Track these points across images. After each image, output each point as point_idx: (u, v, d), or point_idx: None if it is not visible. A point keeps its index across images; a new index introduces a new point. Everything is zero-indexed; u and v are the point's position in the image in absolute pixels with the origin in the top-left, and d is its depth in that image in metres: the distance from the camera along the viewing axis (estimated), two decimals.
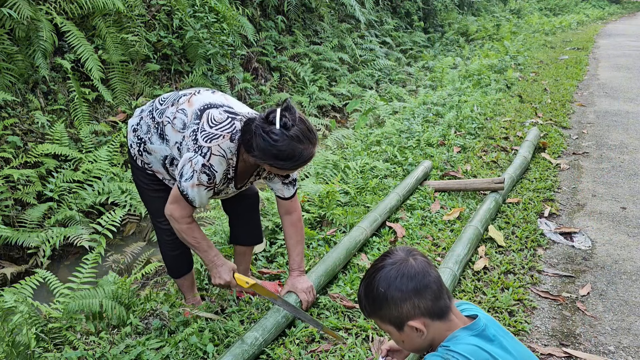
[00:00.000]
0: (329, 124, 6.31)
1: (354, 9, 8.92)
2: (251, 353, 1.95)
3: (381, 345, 2.01)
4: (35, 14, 4.20)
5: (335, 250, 2.62)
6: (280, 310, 2.14)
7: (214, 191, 1.95)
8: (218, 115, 1.88)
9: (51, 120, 4.23)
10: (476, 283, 2.51)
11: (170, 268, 2.37)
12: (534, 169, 4.08)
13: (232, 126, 1.87)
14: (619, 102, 6.42)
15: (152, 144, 2.02)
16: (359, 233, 2.83)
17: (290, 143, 1.73)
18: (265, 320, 2.09)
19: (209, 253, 2.04)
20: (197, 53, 5.59)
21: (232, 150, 1.87)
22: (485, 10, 16.14)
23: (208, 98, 1.96)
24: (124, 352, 2.06)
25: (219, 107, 1.92)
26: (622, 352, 2.07)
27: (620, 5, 27.67)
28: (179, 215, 1.95)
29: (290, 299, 2.22)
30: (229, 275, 2.03)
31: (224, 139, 1.85)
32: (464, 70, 8.33)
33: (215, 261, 2.04)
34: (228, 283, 2.04)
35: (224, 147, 1.85)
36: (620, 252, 2.85)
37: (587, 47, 11.28)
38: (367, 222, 2.95)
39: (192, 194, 1.88)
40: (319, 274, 2.42)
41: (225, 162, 1.88)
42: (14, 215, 3.60)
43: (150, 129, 2.03)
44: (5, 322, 2.07)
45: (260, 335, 2.02)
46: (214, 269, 2.05)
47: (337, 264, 2.56)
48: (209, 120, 1.87)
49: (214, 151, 1.83)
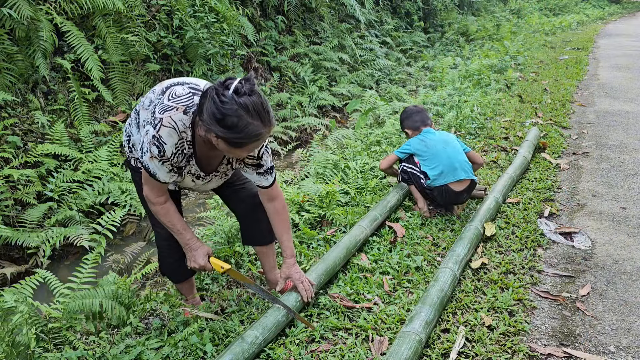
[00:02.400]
0: (329, 124, 6.31)
1: (354, 9, 8.92)
2: (251, 352, 1.95)
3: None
4: (35, 14, 4.20)
5: (335, 249, 2.62)
6: (281, 309, 2.14)
7: (173, 166, 1.90)
8: (180, 91, 1.87)
9: (51, 120, 4.23)
10: (476, 283, 2.51)
11: (168, 275, 2.37)
12: (534, 169, 4.08)
13: (189, 100, 1.84)
14: (619, 102, 6.42)
15: (133, 136, 2.04)
16: (359, 232, 2.83)
17: (237, 110, 1.65)
18: (265, 318, 2.09)
19: (184, 235, 2.05)
20: (197, 53, 5.60)
21: (184, 123, 1.83)
22: (485, 10, 16.14)
23: (178, 79, 1.99)
24: (124, 352, 2.06)
25: (185, 85, 1.92)
26: (622, 352, 2.07)
27: (620, 5, 27.66)
28: (152, 195, 1.96)
29: (291, 297, 2.23)
30: (204, 259, 2.05)
31: (177, 111, 1.81)
32: (464, 70, 8.33)
33: (191, 244, 2.06)
34: (203, 267, 2.06)
35: (175, 118, 1.81)
36: (620, 252, 2.85)
37: (587, 47, 11.27)
38: (367, 221, 2.95)
39: (151, 167, 1.87)
40: (319, 273, 2.42)
41: (177, 135, 1.83)
42: (14, 215, 3.60)
43: (132, 122, 2.05)
44: (5, 322, 2.07)
45: (261, 334, 2.02)
46: (189, 252, 2.07)
47: (338, 263, 2.56)
48: (170, 94, 1.86)
49: (164, 122, 1.80)
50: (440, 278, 2.34)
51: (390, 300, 2.39)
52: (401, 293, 2.42)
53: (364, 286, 2.47)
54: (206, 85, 1.94)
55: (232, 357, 1.87)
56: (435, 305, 2.14)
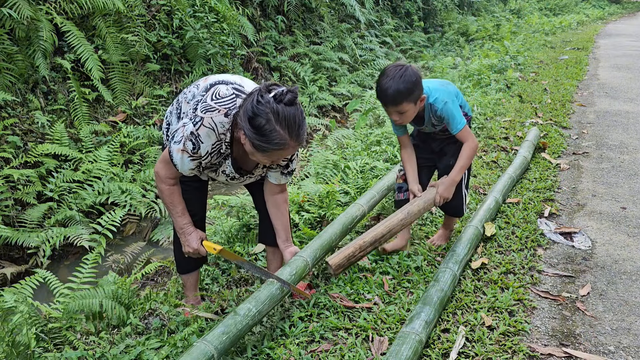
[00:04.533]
0: (329, 124, 6.30)
1: (354, 9, 8.92)
2: (244, 324, 1.93)
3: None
4: (35, 14, 4.20)
5: (332, 226, 2.65)
6: (275, 283, 2.13)
7: (200, 164, 1.95)
8: (224, 91, 1.90)
9: (51, 120, 4.23)
10: (476, 283, 2.51)
11: (178, 263, 2.39)
12: (534, 169, 4.08)
13: (232, 102, 1.87)
14: (619, 102, 6.42)
15: (172, 125, 2.10)
16: (356, 209, 2.87)
17: (268, 114, 1.69)
18: (258, 292, 2.08)
19: (182, 220, 2.09)
20: (197, 53, 5.60)
21: (224, 125, 1.87)
22: (485, 10, 16.14)
23: (222, 76, 2.03)
24: (124, 352, 2.06)
25: (229, 84, 1.95)
26: (622, 352, 2.07)
27: (620, 5, 27.66)
28: (164, 174, 2.00)
29: (285, 271, 2.21)
30: (197, 243, 2.10)
31: (219, 112, 1.85)
32: (464, 70, 8.33)
33: (185, 229, 2.10)
34: (196, 250, 2.11)
35: (216, 120, 1.85)
36: (620, 252, 2.85)
37: (587, 47, 11.27)
38: (364, 199, 3.00)
39: (176, 158, 1.91)
40: (314, 248, 2.42)
41: (215, 136, 1.87)
42: (14, 215, 3.60)
43: (172, 113, 2.12)
44: (5, 322, 2.07)
45: (254, 306, 1.99)
46: (183, 236, 2.11)
47: (334, 239, 2.59)
48: (213, 94, 1.90)
49: (205, 123, 1.84)
50: (440, 278, 2.34)
51: (390, 300, 2.39)
52: (401, 293, 2.42)
53: (364, 286, 2.47)
54: (251, 86, 1.99)
55: (223, 330, 1.85)
56: (435, 305, 2.14)
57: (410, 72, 2.26)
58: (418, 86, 2.29)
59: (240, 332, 1.92)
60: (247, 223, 3.14)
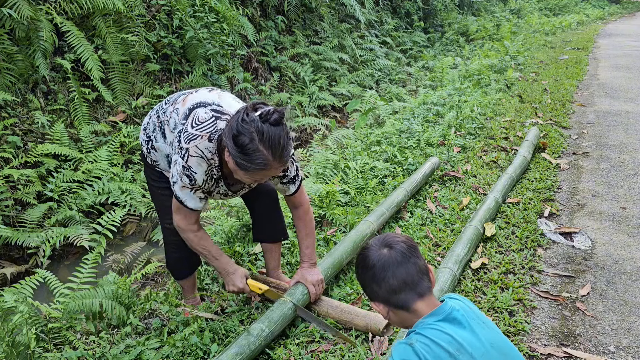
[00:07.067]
0: (329, 124, 6.30)
1: (354, 9, 8.91)
2: (257, 345, 1.94)
3: (380, 344, 2.01)
4: (35, 14, 4.19)
5: (342, 244, 2.65)
6: (287, 302, 2.14)
7: (204, 192, 1.94)
8: (202, 115, 1.86)
9: (51, 120, 4.23)
10: (476, 283, 2.51)
11: (172, 270, 2.37)
12: (534, 169, 4.07)
13: (213, 126, 1.84)
14: (619, 102, 6.42)
15: (157, 142, 2.06)
16: (366, 227, 2.86)
17: (252, 133, 1.63)
18: (271, 312, 2.09)
19: (220, 261, 2.07)
20: (197, 53, 5.59)
21: (210, 150, 1.84)
22: (485, 10, 16.13)
23: (200, 97, 1.95)
24: (124, 352, 2.06)
25: (207, 106, 1.90)
26: (622, 352, 2.07)
27: (620, 5, 27.64)
28: (184, 224, 1.98)
29: (297, 290, 2.22)
30: (242, 282, 2.08)
31: (202, 139, 1.82)
32: (464, 70, 8.33)
33: (228, 269, 2.08)
34: (241, 290, 2.09)
35: (201, 147, 1.82)
36: (620, 252, 2.85)
37: (587, 47, 11.27)
38: (374, 216, 2.98)
39: (182, 197, 1.90)
40: (325, 267, 2.44)
41: (205, 163, 1.86)
42: (14, 215, 3.60)
43: (155, 128, 2.06)
44: (5, 322, 2.07)
45: (267, 326, 2.01)
46: (227, 276, 2.09)
47: (345, 257, 2.59)
48: (193, 120, 1.86)
49: (192, 152, 1.82)
50: (440, 278, 2.34)
51: None
52: None
53: None
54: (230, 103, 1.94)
55: (237, 351, 1.86)
56: None
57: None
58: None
59: (253, 353, 1.93)
60: (247, 223, 3.14)
